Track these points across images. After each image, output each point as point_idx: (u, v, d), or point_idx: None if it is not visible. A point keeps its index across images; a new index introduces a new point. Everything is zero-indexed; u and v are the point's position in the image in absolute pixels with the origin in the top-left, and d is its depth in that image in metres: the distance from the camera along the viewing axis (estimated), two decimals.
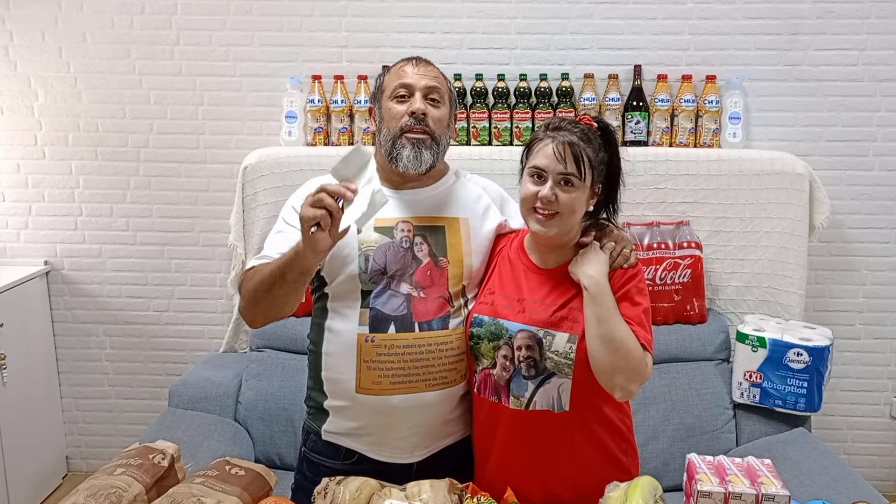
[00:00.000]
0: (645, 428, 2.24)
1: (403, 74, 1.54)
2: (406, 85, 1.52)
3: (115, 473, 1.33)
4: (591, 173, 1.43)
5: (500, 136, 2.58)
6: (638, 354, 1.38)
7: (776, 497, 1.26)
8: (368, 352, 1.47)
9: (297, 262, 1.37)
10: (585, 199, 1.45)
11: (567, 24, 2.62)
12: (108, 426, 2.96)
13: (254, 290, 1.45)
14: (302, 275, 1.39)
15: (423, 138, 1.51)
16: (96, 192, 2.79)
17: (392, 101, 1.53)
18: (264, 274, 1.43)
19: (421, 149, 1.50)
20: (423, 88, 1.52)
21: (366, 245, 1.48)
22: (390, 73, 1.57)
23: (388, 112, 1.53)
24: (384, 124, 1.54)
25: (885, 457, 2.88)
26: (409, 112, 1.50)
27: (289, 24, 2.66)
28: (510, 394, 1.47)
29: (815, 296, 2.71)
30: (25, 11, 2.67)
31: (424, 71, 1.54)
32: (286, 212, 1.57)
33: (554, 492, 1.49)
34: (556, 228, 1.42)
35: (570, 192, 1.41)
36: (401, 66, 1.56)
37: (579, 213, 1.45)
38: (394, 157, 1.51)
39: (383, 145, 1.53)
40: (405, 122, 1.50)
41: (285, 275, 1.39)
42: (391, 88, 1.54)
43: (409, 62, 1.56)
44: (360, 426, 1.52)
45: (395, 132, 1.51)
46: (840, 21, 2.58)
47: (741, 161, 2.49)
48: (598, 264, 1.43)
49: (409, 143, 1.50)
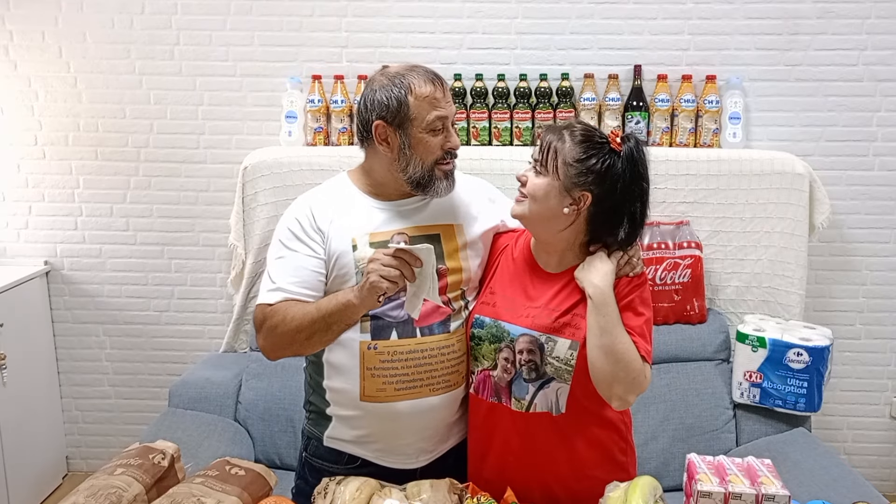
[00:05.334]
0: (645, 428, 2.24)
1: (437, 105, 1.45)
2: (443, 118, 1.46)
3: (115, 473, 1.33)
4: (562, 170, 1.38)
5: (500, 136, 2.57)
6: (637, 366, 1.38)
7: (776, 497, 1.26)
8: (371, 359, 1.46)
9: (347, 314, 1.40)
10: (555, 195, 1.39)
11: (567, 24, 2.62)
12: (108, 426, 2.97)
13: (290, 335, 1.43)
14: (347, 326, 1.43)
15: (453, 168, 1.52)
16: (96, 192, 2.79)
17: (426, 133, 1.45)
18: (301, 321, 1.41)
19: (452, 177, 1.51)
20: (453, 118, 1.50)
21: (363, 263, 1.44)
22: (417, 98, 1.44)
23: (422, 144, 1.45)
24: (416, 154, 1.46)
25: (885, 457, 2.88)
26: (447, 149, 1.48)
27: (289, 24, 2.65)
28: (512, 396, 1.47)
29: (815, 296, 2.71)
30: (25, 11, 2.67)
31: (449, 96, 1.49)
32: (283, 234, 1.51)
33: (553, 492, 1.49)
34: (521, 209, 1.43)
35: (537, 178, 1.41)
36: (431, 94, 1.45)
37: (546, 204, 1.39)
38: (424, 187, 1.49)
39: (412, 173, 1.47)
40: (440, 156, 1.48)
41: (331, 325, 1.41)
42: (426, 121, 1.44)
43: (435, 87, 1.46)
44: (366, 434, 1.51)
45: (430, 164, 1.47)
46: (840, 21, 2.58)
47: (741, 161, 2.49)
48: (604, 273, 1.41)
49: (443, 174, 1.49)
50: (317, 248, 1.48)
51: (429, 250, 1.34)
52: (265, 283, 1.50)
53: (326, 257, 1.48)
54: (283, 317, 1.43)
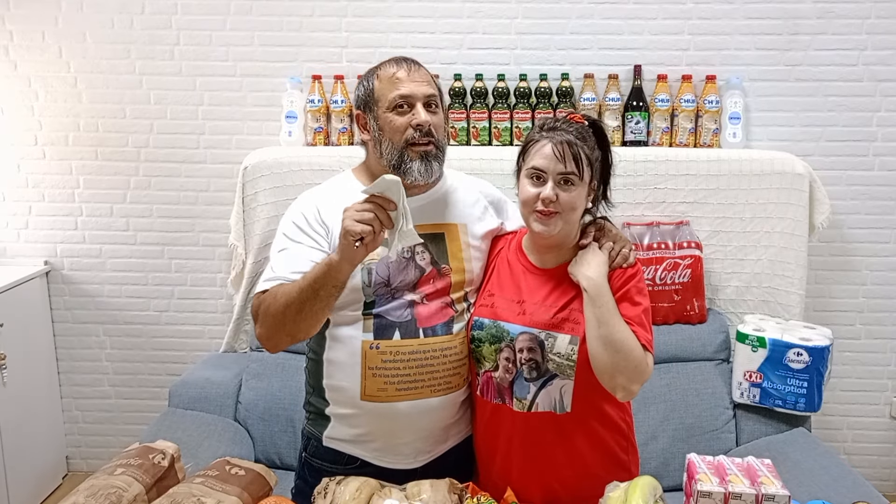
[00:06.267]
0: (645, 428, 2.24)
1: (399, 84, 1.46)
2: (405, 96, 1.46)
3: (115, 473, 1.33)
4: (590, 171, 1.43)
5: (500, 136, 2.58)
6: (639, 354, 1.38)
7: (776, 497, 1.27)
8: (373, 359, 1.46)
9: (331, 275, 1.36)
10: (584, 196, 1.45)
11: (567, 24, 2.62)
12: (108, 426, 2.97)
13: (280, 312, 1.40)
14: (335, 288, 1.39)
15: (430, 150, 1.48)
16: (96, 192, 2.79)
17: (391, 112, 1.47)
18: (290, 295, 1.39)
19: (430, 160, 1.48)
20: (423, 97, 1.47)
21: (368, 259, 1.44)
22: (381, 80, 1.49)
23: (388, 124, 1.47)
24: (385, 136, 1.48)
25: (885, 457, 2.88)
26: (415, 125, 1.46)
27: (289, 24, 2.65)
28: (513, 396, 1.47)
29: (815, 296, 2.71)
30: (25, 11, 2.67)
31: (418, 76, 1.49)
32: (287, 227, 1.51)
33: (555, 492, 1.49)
34: (558, 227, 1.42)
35: (571, 191, 1.41)
36: (393, 74, 1.48)
37: (579, 210, 1.45)
38: (402, 171, 1.47)
39: (386, 157, 1.48)
40: (410, 136, 1.46)
41: (318, 291, 1.37)
42: (388, 100, 1.47)
43: (399, 67, 1.48)
44: (365, 433, 1.51)
45: (400, 145, 1.47)
46: (840, 21, 2.58)
47: (741, 161, 2.48)
48: (597, 265, 1.43)
49: (417, 156, 1.46)
50: (321, 241, 1.48)
51: (396, 183, 1.31)
52: (265, 274, 1.49)
53: (330, 251, 1.46)
54: (274, 295, 1.42)
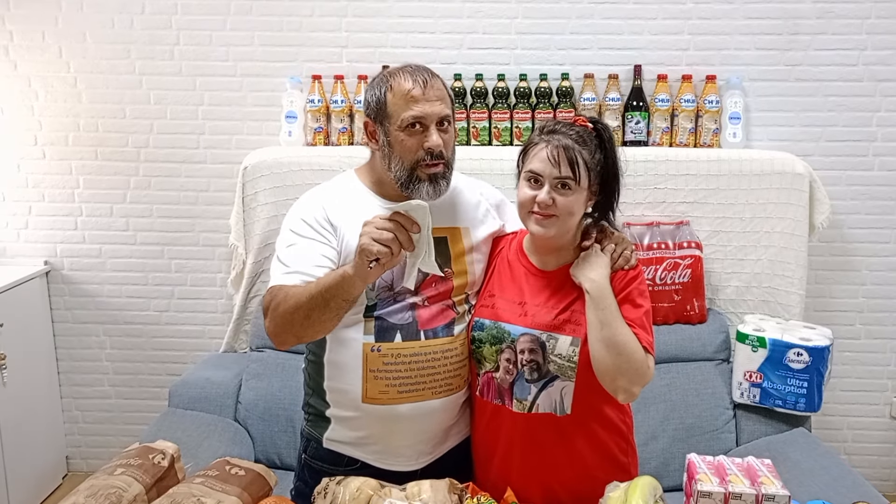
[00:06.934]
0: (645, 428, 2.24)
1: (413, 104, 1.41)
2: (419, 118, 1.41)
3: (115, 473, 1.33)
4: (588, 175, 1.42)
5: (500, 136, 2.58)
6: (640, 357, 1.38)
7: (776, 497, 1.27)
8: (375, 361, 1.46)
9: (344, 289, 1.34)
10: (583, 200, 1.44)
11: (567, 24, 2.62)
12: (108, 426, 2.97)
13: (289, 313, 1.38)
14: (346, 302, 1.37)
15: (440, 171, 1.45)
16: (96, 192, 2.79)
17: (402, 132, 1.42)
18: (300, 298, 1.37)
19: (439, 181, 1.45)
20: (437, 118, 1.43)
21: None
22: (395, 94, 1.42)
23: (399, 143, 1.43)
24: (395, 153, 1.44)
25: (885, 457, 2.88)
26: (426, 148, 1.42)
27: (289, 24, 2.65)
28: (513, 397, 1.47)
29: (815, 296, 2.71)
30: (25, 11, 2.67)
31: (433, 94, 1.43)
32: (295, 224, 1.48)
33: (554, 493, 1.49)
34: (555, 229, 1.42)
35: (567, 195, 1.40)
36: (408, 92, 1.41)
37: (578, 214, 1.45)
38: (410, 189, 1.45)
39: (395, 173, 1.45)
40: (421, 157, 1.42)
41: (329, 301, 1.35)
42: (401, 118, 1.41)
43: (415, 83, 1.42)
44: (365, 435, 1.51)
45: (409, 165, 1.43)
46: (840, 21, 2.58)
47: (741, 161, 2.48)
48: (599, 267, 1.43)
49: (427, 177, 1.43)
50: (331, 239, 1.46)
51: (424, 209, 1.28)
52: (278, 269, 1.45)
53: (340, 250, 1.45)
54: (286, 294, 1.40)
